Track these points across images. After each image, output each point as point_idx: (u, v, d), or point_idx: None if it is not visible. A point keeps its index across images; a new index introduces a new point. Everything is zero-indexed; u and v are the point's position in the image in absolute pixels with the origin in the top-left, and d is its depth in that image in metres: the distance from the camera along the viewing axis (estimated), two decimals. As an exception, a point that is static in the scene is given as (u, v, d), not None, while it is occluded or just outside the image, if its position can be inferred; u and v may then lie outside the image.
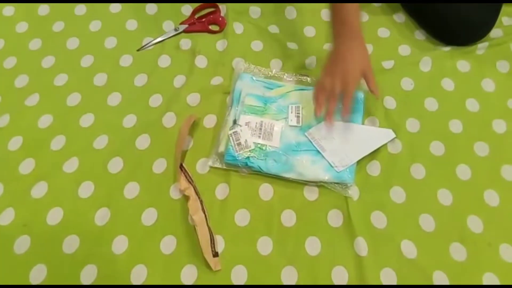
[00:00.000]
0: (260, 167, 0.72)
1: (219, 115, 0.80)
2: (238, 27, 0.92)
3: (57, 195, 0.72)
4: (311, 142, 0.74)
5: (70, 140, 0.77)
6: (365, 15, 0.93)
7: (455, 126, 0.77)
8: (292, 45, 0.89)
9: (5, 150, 0.76)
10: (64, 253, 0.66)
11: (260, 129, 0.75)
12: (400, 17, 0.92)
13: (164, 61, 0.87)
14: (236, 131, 0.74)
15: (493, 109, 0.79)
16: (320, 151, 0.73)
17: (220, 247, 0.67)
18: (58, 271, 0.65)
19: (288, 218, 0.69)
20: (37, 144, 0.77)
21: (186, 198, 0.70)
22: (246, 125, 0.75)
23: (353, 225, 0.67)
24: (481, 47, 0.85)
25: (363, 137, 0.75)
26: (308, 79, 0.82)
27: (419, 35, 0.89)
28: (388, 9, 0.93)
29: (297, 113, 0.77)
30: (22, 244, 0.67)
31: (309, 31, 0.91)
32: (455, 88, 0.81)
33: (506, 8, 0.87)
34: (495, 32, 0.87)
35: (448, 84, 0.82)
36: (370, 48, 0.87)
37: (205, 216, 0.68)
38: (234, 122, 0.76)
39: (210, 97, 0.82)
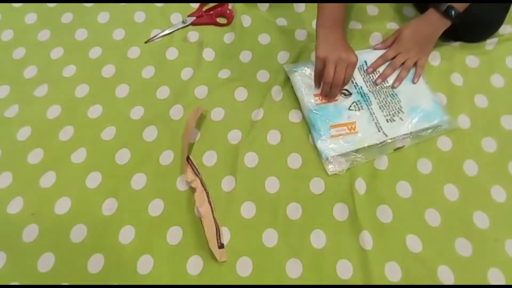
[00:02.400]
0: None
1: (227, 108, 0.80)
2: (246, 20, 0.92)
3: (65, 185, 0.72)
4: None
5: (78, 131, 0.78)
6: (374, 8, 0.92)
7: (463, 121, 0.77)
8: (300, 38, 0.88)
9: (14, 140, 0.77)
10: (72, 242, 0.67)
11: None
12: (409, 11, 0.92)
13: (172, 53, 0.88)
14: None
15: (502, 104, 0.79)
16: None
17: (225, 239, 0.67)
18: (65, 260, 0.66)
19: (294, 210, 0.69)
20: (46, 134, 0.78)
21: (192, 189, 0.70)
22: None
23: (359, 219, 0.67)
24: (490, 43, 0.85)
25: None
26: None
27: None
28: (397, 3, 0.92)
29: None
30: (30, 232, 0.68)
31: (317, 25, 0.91)
32: (464, 83, 0.81)
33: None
34: (505, 28, 0.86)
35: (457, 79, 0.82)
36: (379, 41, 0.87)
37: (211, 208, 0.68)
38: None
39: (218, 89, 0.82)
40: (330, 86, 0.75)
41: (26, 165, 0.74)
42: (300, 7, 0.93)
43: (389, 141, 0.74)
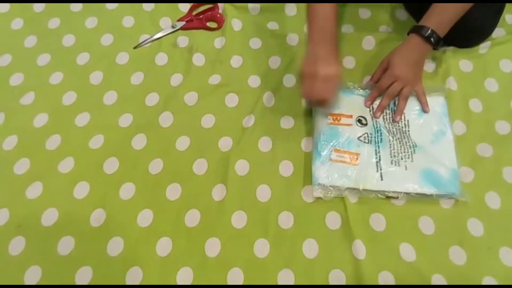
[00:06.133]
0: None
1: (217, 115, 0.79)
2: (236, 24, 0.90)
3: (52, 196, 0.71)
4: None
5: (65, 139, 0.77)
6: (367, 11, 0.91)
7: (458, 127, 0.75)
8: (291, 42, 0.87)
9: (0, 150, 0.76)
10: (59, 254, 0.66)
11: None
12: (402, 14, 0.90)
13: (161, 59, 0.86)
14: None
15: (497, 109, 0.77)
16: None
17: (216, 249, 0.66)
18: (53, 273, 0.65)
19: (286, 220, 0.68)
20: (32, 143, 0.76)
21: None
22: None
23: (351, 228, 0.66)
24: (483, 46, 0.83)
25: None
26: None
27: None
28: (390, 6, 0.91)
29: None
30: (16, 245, 0.67)
31: (309, 28, 0.90)
32: (458, 88, 0.79)
33: (510, 6, 0.85)
34: (498, 31, 0.84)
35: (451, 84, 0.80)
36: (372, 44, 0.86)
37: None
38: None
39: (208, 96, 0.81)
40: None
41: (12, 175, 0.73)
42: (292, 10, 0.92)
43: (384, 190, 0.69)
